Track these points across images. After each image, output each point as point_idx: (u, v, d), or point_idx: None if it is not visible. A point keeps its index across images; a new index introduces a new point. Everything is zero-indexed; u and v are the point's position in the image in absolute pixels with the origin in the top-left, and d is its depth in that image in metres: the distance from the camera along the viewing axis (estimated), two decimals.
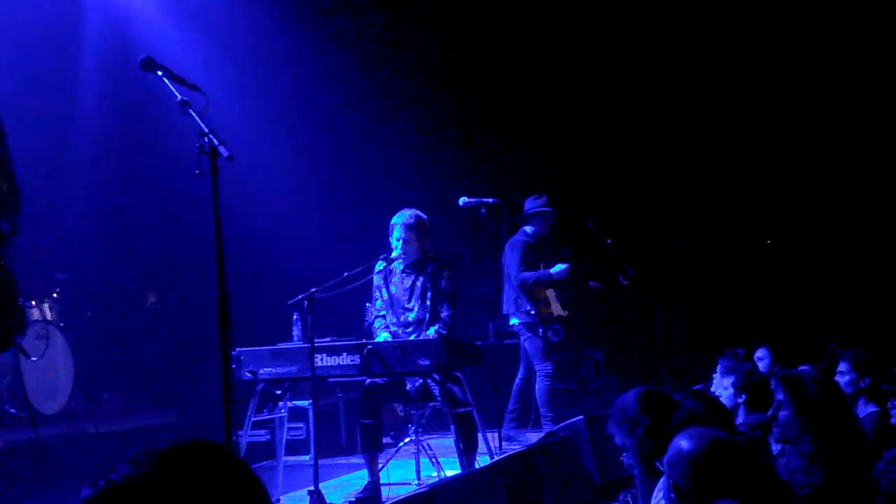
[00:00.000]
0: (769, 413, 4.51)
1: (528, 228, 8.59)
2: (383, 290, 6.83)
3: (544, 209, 8.56)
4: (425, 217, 6.81)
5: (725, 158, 11.21)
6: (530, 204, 8.56)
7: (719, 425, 3.82)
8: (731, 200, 11.28)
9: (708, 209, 11.34)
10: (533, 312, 8.39)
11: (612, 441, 4.15)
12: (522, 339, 8.55)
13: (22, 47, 9.03)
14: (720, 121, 11.13)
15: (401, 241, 6.69)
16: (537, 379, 8.41)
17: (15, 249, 4.00)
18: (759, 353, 7.47)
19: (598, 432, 5.86)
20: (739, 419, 5.47)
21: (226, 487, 1.64)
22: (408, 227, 6.67)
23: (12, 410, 8.22)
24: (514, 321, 8.51)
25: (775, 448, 4.62)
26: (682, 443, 3.16)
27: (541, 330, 8.41)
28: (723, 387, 5.60)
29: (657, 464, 3.43)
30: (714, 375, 5.89)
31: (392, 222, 6.77)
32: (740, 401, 5.46)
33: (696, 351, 10.49)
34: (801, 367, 5.76)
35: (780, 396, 4.38)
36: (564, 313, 8.62)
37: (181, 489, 1.59)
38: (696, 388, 6.72)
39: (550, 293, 8.55)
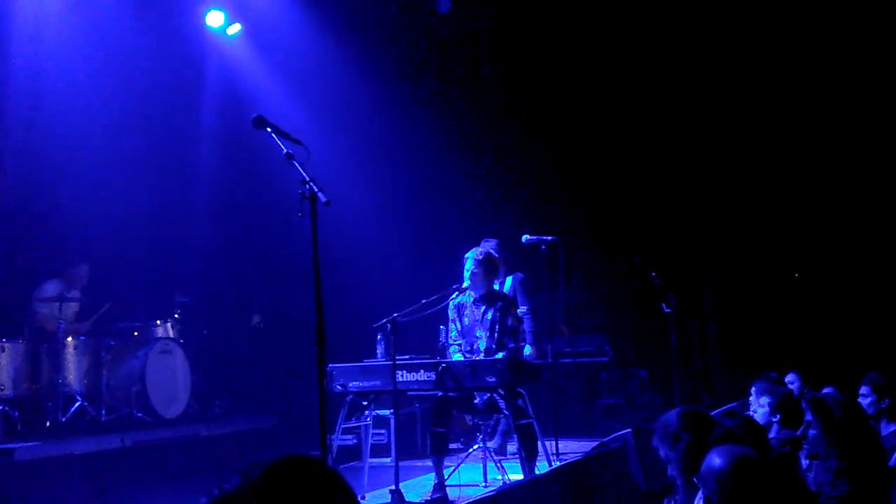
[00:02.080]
0: (799, 431, 4.40)
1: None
2: (457, 321, 6.81)
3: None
4: (496, 255, 6.78)
5: (757, 204, 11.02)
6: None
7: (754, 442, 3.72)
8: (762, 238, 11.06)
9: (742, 246, 11.14)
10: None
11: (657, 452, 4.06)
12: None
13: (156, 103, 9.28)
14: (753, 169, 10.95)
15: (469, 273, 6.68)
16: None
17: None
18: (790, 377, 7.29)
19: (644, 443, 5.76)
20: (772, 434, 5.32)
21: (322, 496, 1.64)
22: (478, 262, 6.66)
23: (139, 414, 8.36)
24: None
25: (805, 462, 4.49)
26: (713, 459, 3.08)
27: None
28: (759, 405, 5.45)
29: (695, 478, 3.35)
30: (750, 396, 5.74)
31: (466, 255, 6.77)
32: (775, 419, 5.32)
33: (730, 373, 10.28)
34: (825, 390, 5.61)
35: (809, 417, 4.27)
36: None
37: (284, 497, 1.60)
38: (730, 405, 6.59)
39: None
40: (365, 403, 6.63)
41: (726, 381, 10.13)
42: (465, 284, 6.73)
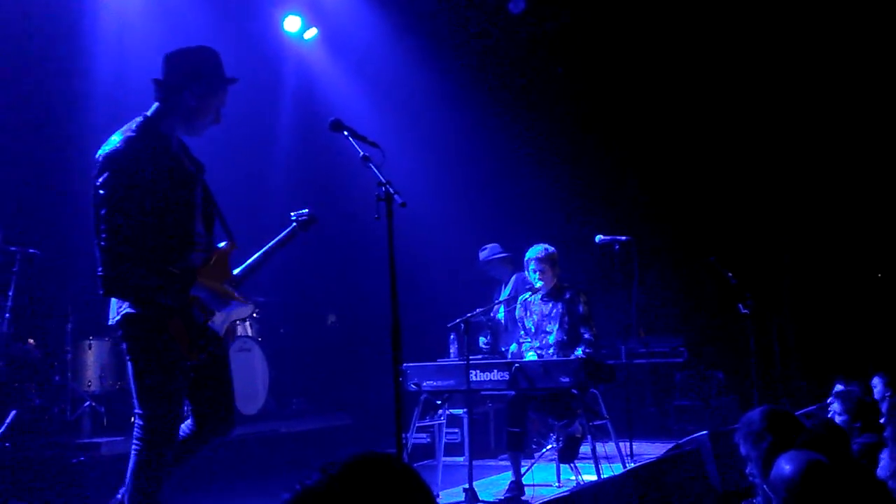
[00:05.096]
0: (886, 433, 4.28)
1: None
2: (526, 319, 6.84)
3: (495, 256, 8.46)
4: (553, 249, 6.81)
5: (838, 201, 10.70)
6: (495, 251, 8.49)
7: (835, 446, 3.63)
8: (844, 236, 10.74)
9: (823, 245, 10.84)
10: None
11: (735, 454, 4.00)
12: None
13: (234, 107, 9.41)
14: (834, 166, 10.64)
15: (537, 273, 6.72)
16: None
17: None
18: (875, 380, 7.08)
19: (721, 446, 5.65)
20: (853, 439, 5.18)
21: (400, 493, 1.66)
22: (540, 261, 6.73)
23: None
24: None
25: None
26: (783, 466, 3.00)
27: None
28: (835, 412, 5.31)
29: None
30: (830, 400, 5.60)
31: (526, 258, 6.81)
32: (856, 426, 5.18)
33: (809, 375, 10.03)
34: None
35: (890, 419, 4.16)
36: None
37: (363, 494, 1.62)
38: (810, 409, 6.43)
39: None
40: (439, 402, 6.67)
41: (805, 384, 9.88)
42: (537, 285, 6.76)
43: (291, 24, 10.11)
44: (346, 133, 4.31)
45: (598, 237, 7.58)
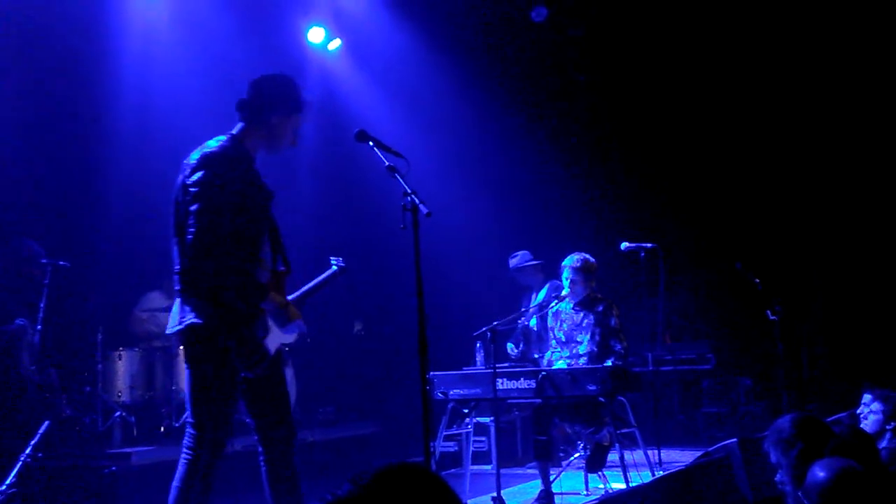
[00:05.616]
0: None
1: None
2: (556, 329, 6.82)
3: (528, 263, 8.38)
4: (592, 260, 6.78)
5: (866, 209, 10.58)
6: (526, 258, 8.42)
7: (862, 452, 3.60)
8: (873, 240, 10.61)
9: (852, 249, 10.71)
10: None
11: (764, 462, 3.96)
12: None
13: None
14: (864, 169, 10.52)
15: (569, 282, 6.71)
16: None
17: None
18: None
19: (750, 453, 5.61)
20: (884, 444, 5.13)
21: (430, 503, 1.67)
22: (575, 270, 6.70)
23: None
24: None
25: None
26: (817, 473, 2.98)
27: None
28: (871, 411, 5.26)
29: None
30: (861, 405, 5.55)
31: (563, 265, 6.79)
32: (889, 428, 5.13)
33: (839, 382, 9.92)
34: None
35: None
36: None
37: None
38: (839, 416, 6.37)
39: None
40: (466, 411, 6.68)
41: (835, 391, 9.78)
42: (564, 293, 6.76)
43: (315, 35, 10.17)
44: (371, 143, 4.34)
45: (624, 244, 7.56)
